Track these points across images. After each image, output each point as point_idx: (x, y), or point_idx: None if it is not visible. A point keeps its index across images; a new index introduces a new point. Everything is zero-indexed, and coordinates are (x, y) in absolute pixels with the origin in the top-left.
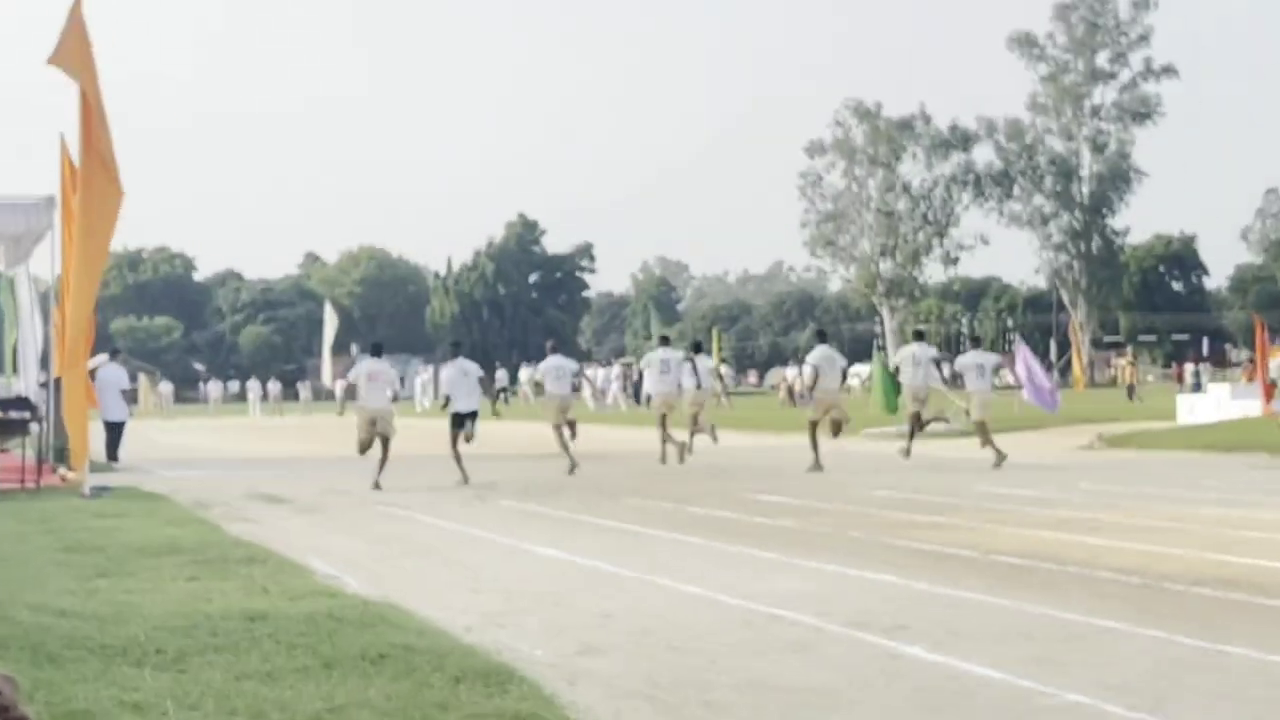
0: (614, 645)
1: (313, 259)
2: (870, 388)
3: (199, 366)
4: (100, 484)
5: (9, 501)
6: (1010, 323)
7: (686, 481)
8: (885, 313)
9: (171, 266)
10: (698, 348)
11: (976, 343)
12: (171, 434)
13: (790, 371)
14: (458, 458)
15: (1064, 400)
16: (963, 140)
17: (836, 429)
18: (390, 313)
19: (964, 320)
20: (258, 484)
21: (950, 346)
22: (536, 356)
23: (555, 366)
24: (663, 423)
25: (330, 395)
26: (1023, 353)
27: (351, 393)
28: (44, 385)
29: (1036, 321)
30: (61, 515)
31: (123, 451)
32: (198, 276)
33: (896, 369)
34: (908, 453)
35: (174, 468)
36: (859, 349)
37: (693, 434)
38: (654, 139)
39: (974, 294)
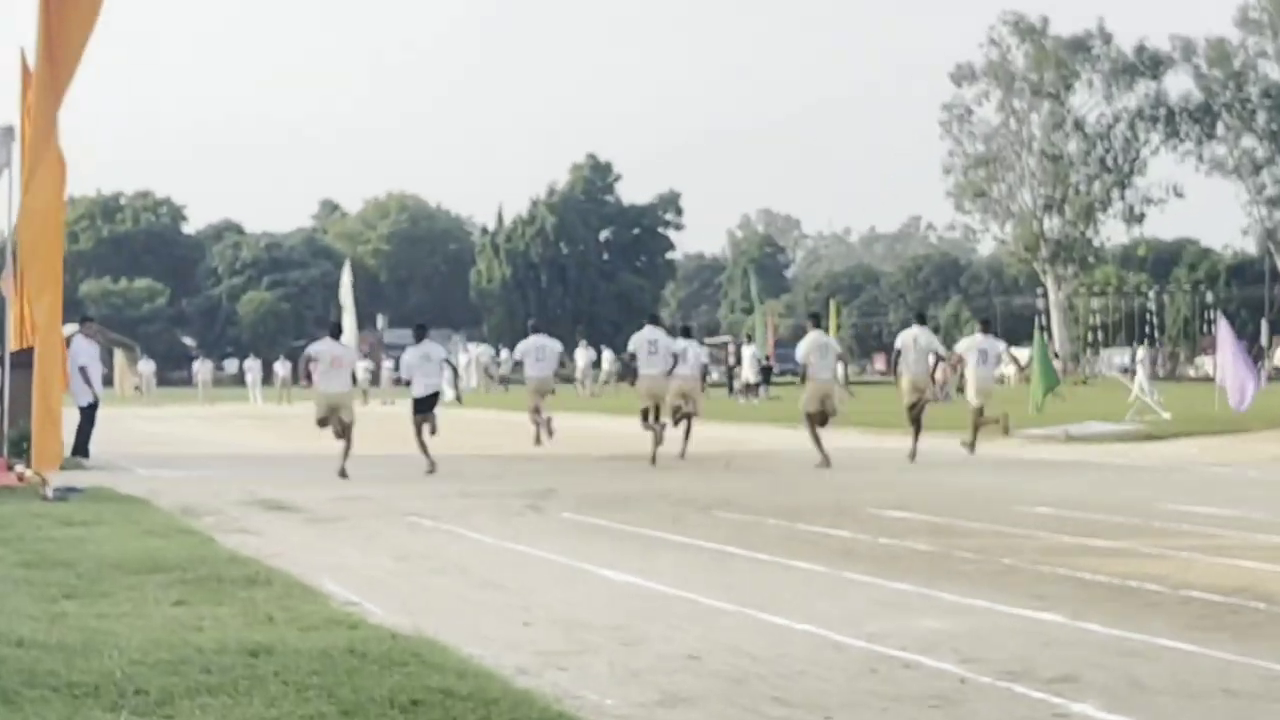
0: (704, 694)
1: (330, 208)
2: (1029, 377)
3: (188, 341)
4: (66, 484)
5: None
6: (1210, 297)
7: (792, 492)
8: (1050, 283)
9: (155, 216)
10: (687, 331)
11: (986, 326)
12: (153, 423)
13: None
14: (423, 446)
15: (1270, 396)
16: (1152, 65)
17: (823, 421)
18: (426, 276)
19: (1150, 294)
20: (259, 486)
21: (1129, 327)
22: (608, 332)
23: (538, 346)
24: (645, 414)
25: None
26: (1225, 335)
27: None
28: None
29: (1244, 295)
30: (18, 522)
31: (93, 444)
32: (188, 229)
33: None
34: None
35: (156, 465)
36: (1017, 328)
37: (676, 424)
38: (756, 61)
39: (1164, 260)
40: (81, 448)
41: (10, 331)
